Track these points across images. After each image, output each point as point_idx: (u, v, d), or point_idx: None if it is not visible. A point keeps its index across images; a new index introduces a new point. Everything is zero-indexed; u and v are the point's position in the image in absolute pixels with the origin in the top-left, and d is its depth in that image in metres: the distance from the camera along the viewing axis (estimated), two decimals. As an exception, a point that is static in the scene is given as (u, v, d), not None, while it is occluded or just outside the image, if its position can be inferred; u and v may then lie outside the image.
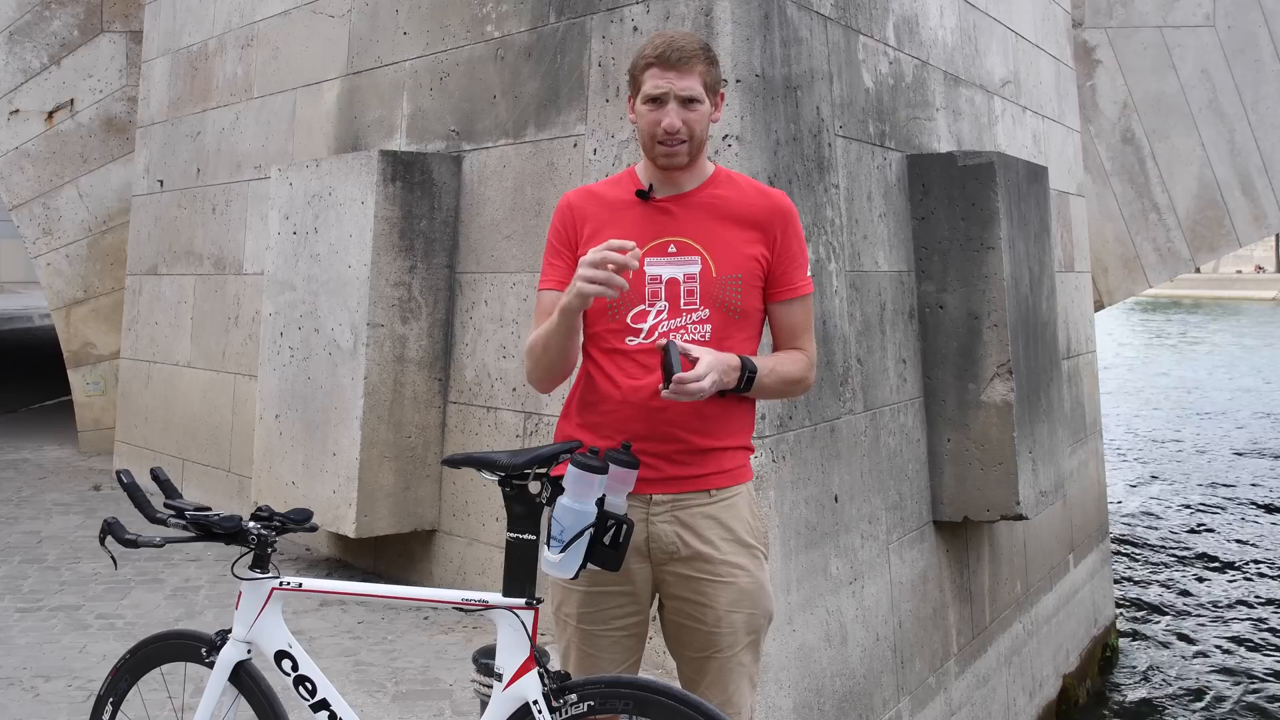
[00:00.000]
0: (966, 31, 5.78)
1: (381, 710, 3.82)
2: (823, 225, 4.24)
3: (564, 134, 4.59)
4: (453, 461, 2.17)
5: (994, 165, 4.86)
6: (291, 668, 2.26)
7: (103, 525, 2.27)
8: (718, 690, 2.22)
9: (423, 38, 5.35)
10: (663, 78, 2.18)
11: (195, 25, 7.50)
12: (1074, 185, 7.56)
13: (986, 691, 5.39)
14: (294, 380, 5.32)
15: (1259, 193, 8.40)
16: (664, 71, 2.18)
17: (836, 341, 4.25)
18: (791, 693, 3.75)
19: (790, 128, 4.14)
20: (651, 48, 2.21)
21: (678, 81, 2.17)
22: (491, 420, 4.86)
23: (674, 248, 2.21)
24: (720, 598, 2.20)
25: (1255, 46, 8.32)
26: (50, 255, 8.85)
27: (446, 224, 5.14)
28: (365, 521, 4.90)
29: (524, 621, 2.06)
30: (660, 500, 2.20)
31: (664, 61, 2.18)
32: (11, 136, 8.72)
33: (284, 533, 2.32)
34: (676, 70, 2.17)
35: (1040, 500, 5.10)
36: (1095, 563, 7.46)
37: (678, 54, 2.18)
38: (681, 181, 2.26)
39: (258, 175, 6.62)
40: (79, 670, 4.13)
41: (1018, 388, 4.83)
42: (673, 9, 4.11)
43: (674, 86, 2.17)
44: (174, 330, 7.46)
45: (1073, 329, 7.14)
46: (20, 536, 6.15)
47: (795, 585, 3.85)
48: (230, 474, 6.66)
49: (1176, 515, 12.28)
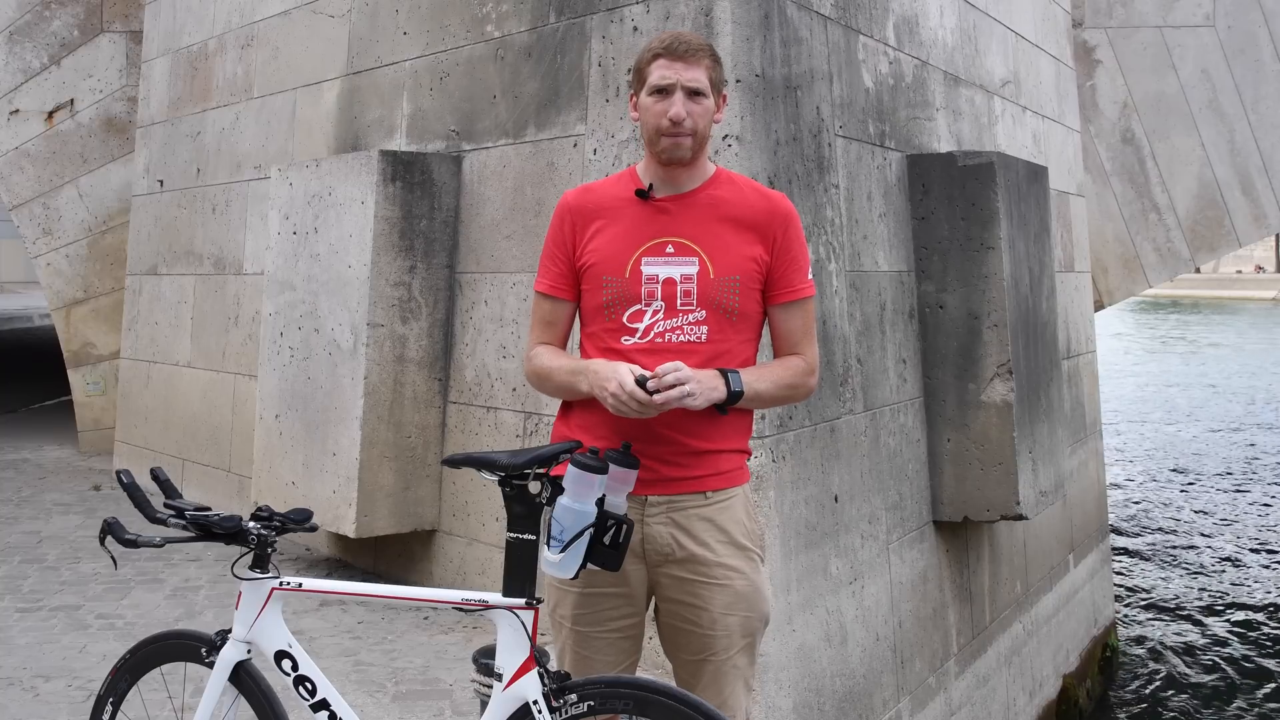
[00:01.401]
0: (966, 31, 5.78)
1: (381, 710, 3.82)
2: (823, 225, 4.24)
3: (564, 134, 4.59)
4: (453, 461, 2.16)
5: (994, 165, 4.86)
6: (291, 668, 2.27)
7: (103, 525, 2.27)
8: (713, 693, 2.21)
9: (423, 38, 5.35)
10: (670, 68, 2.19)
11: (195, 25, 7.50)
12: (1074, 185, 7.56)
13: (986, 691, 5.39)
14: (294, 380, 5.32)
15: (1259, 193, 8.40)
16: (671, 62, 2.19)
17: (836, 341, 4.25)
18: (791, 693, 3.75)
19: (790, 128, 4.14)
20: (658, 41, 2.23)
21: (685, 73, 2.18)
22: (491, 420, 4.86)
23: (672, 248, 2.21)
24: (715, 600, 2.19)
25: (1255, 46, 8.32)
26: (50, 255, 8.85)
27: (446, 224, 5.15)
28: (365, 521, 4.90)
29: (524, 621, 2.06)
30: (656, 501, 2.19)
31: (671, 53, 2.19)
32: (11, 136, 8.72)
33: (284, 533, 2.32)
34: (684, 61, 2.19)
35: (1040, 500, 5.10)
36: (1095, 563, 7.46)
37: (685, 46, 2.20)
38: (681, 181, 2.26)
39: (258, 175, 6.62)
40: (79, 670, 4.13)
41: (1018, 388, 4.84)
42: (673, 9, 4.11)
43: (681, 77, 2.18)
44: (174, 330, 7.46)
45: (1073, 329, 7.14)
46: (20, 536, 6.15)
47: (795, 585, 3.85)
48: (230, 474, 6.66)
49: (1177, 515, 12.28)
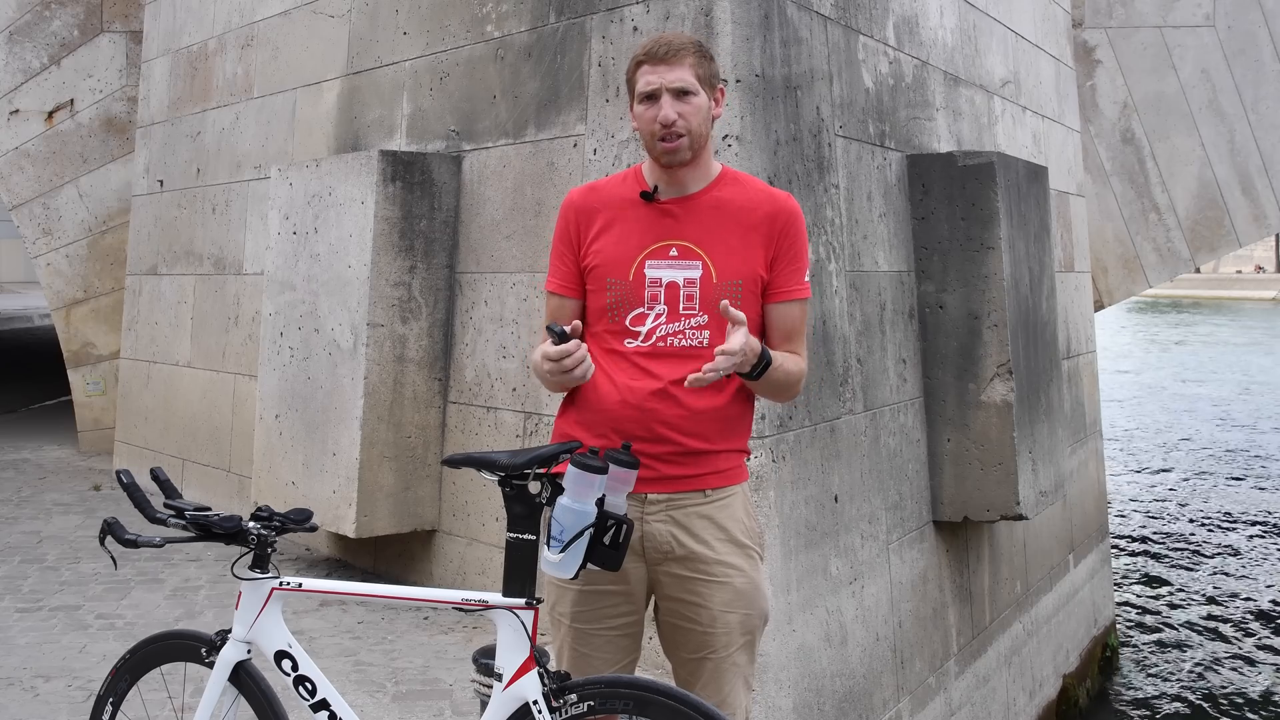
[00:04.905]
0: (966, 31, 5.78)
1: (381, 710, 3.82)
2: (823, 225, 4.24)
3: (564, 134, 4.59)
4: (453, 461, 2.16)
5: (994, 165, 4.86)
6: (291, 668, 2.26)
7: (103, 525, 2.27)
8: (712, 692, 2.20)
9: (423, 38, 5.35)
10: (653, 73, 2.20)
11: (195, 25, 7.50)
12: (1074, 185, 7.56)
13: (986, 691, 5.39)
14: (294, 380, 5.32)
15: (1259, 193, 8.40)
16: (654, 67, 2.20)
17: (836, 341, 4.25)
18: (791, 693, 3.75)
19: (790, 128, 4.14)
20: (641, 48, 2.24)
21: (667, 74, 2.18)
22: (491, 420, 4.86)
23: (675, 251, 2.21)
24: (715, 598, 2.19)
25: (1255, 46, 8.32)
26: (50, 255, 8.85)
27: (446, 224, 5.15)
28: (365, 521, 4.90)
29: (524, 621, 2.06)
30: (655, 500, 2.19)
31: (652, 57, 2.20)
32: (11, 136, 8.72)
33: (284, 533, 2.32)
34: (666, 63, 2.19)
35: (1040, 500, 5.10)
36: (1095, 563, 7.46)
37: (665, 48, 2.20)
38: (686, 182, 2.26)
39: (258, 175, 6.62)
40: (79, 670, 4.13)
41: (1018, 388, 4.84)
42: (673, 9, 4.11)
43: (664, 80, 2.18)
44: (174, 330, 7.46)
45: (1073, 329, 7.14)
46: (20, 536, 6.15)
47: (795, 585, 3.85)
48: (230, 474, 6.66)
49: (1176, 514, 12.28)
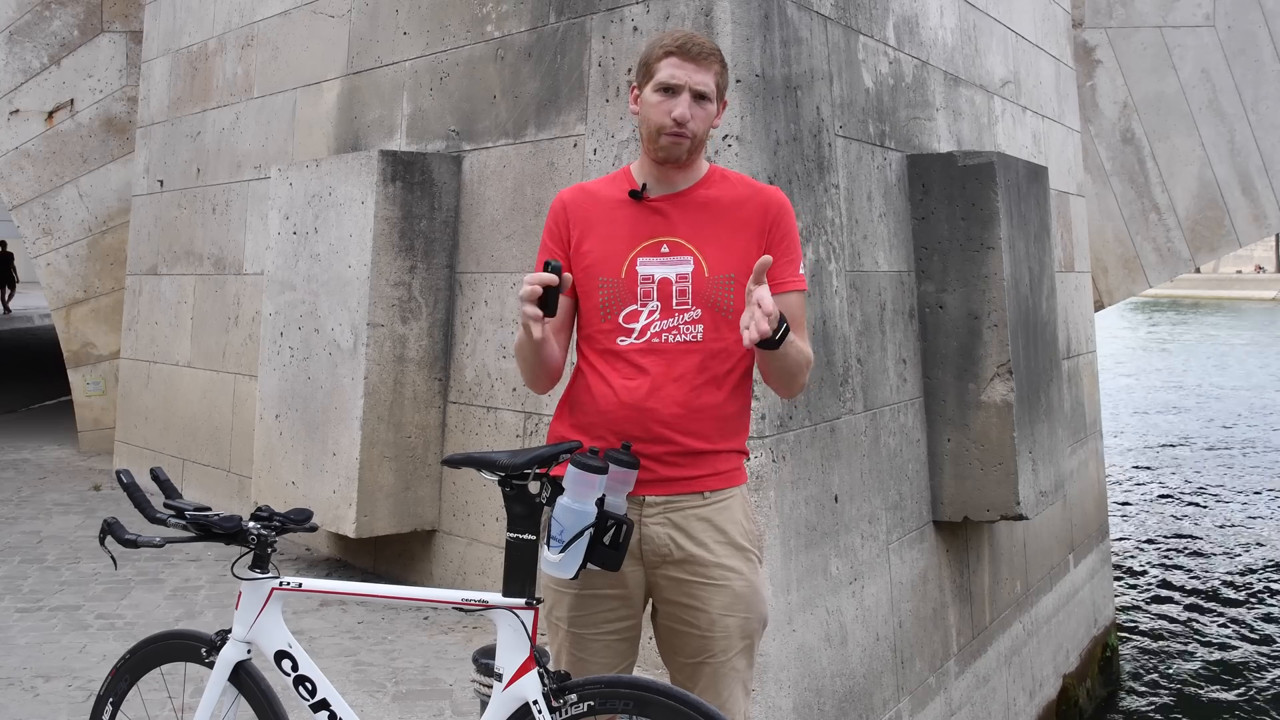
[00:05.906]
0: (966, 31, 5.78)
1: (381, 710, 3.82)
2: (823, 225, 4.24)
3: (564, 134, 4.59)
4: (453, 461, 2.16)
5: (994, 165, 4.86)
6: (291, 668, 2.26)
7: (103, 525, 2.27)
8: (711, 696, 2.19)
9: (423, 38, 5.35)
10: (681, 68, 2.17)
11: (195, 25, 7.50)
12: (1074, 185, 7.56)
13: (986, 691, 5.39)
14: (294, 380, 5.32)
15: (1259, 193, 8.40)
16: (683, 62, 2.18)
17: (836, 341, 4.25)
18: (791, 693, 3.75)
19: (790, 128, 4.14)
20: (671, 38, 2.21)
21: (695, 75, 2.17)
22: (491, 420, 4.86)
23: (666, 248, 2.21)
24: (713, 601, 2.18)
25: (1255, 46, 8.32)
26: (50, 255, 8.85)
27: (446, 224, 5.14)
28: (365, 521, 4.90)
29: (524, 621, 2.06)
30: (653, 502, 2.18)
31: (684, 52, 2.18)
32: (11, 136, 8.72)
33: (284, 533, 2.32)
34: (695, 63, 2.18)
35: (1040, 500, 5.10)
36: (1095, 563, 7.46)
37: (698, 48, 2.18)
38: (676, 180, 2.25)
39: (258, 175, 6.62)
40: (79, 670, 4.13)
41: (1018, 388, 4.84)
42: (672, 9, 4.11)
43: (691, 79, 2.17)
44: (174, 330, 7.46)
45: (1073, 329, 7.14)
46: (20, 536, 6.15)
47: (795, 585, 3.85)
48: (230, 474, 6.66)
49: (1176, 513, 12.28)
